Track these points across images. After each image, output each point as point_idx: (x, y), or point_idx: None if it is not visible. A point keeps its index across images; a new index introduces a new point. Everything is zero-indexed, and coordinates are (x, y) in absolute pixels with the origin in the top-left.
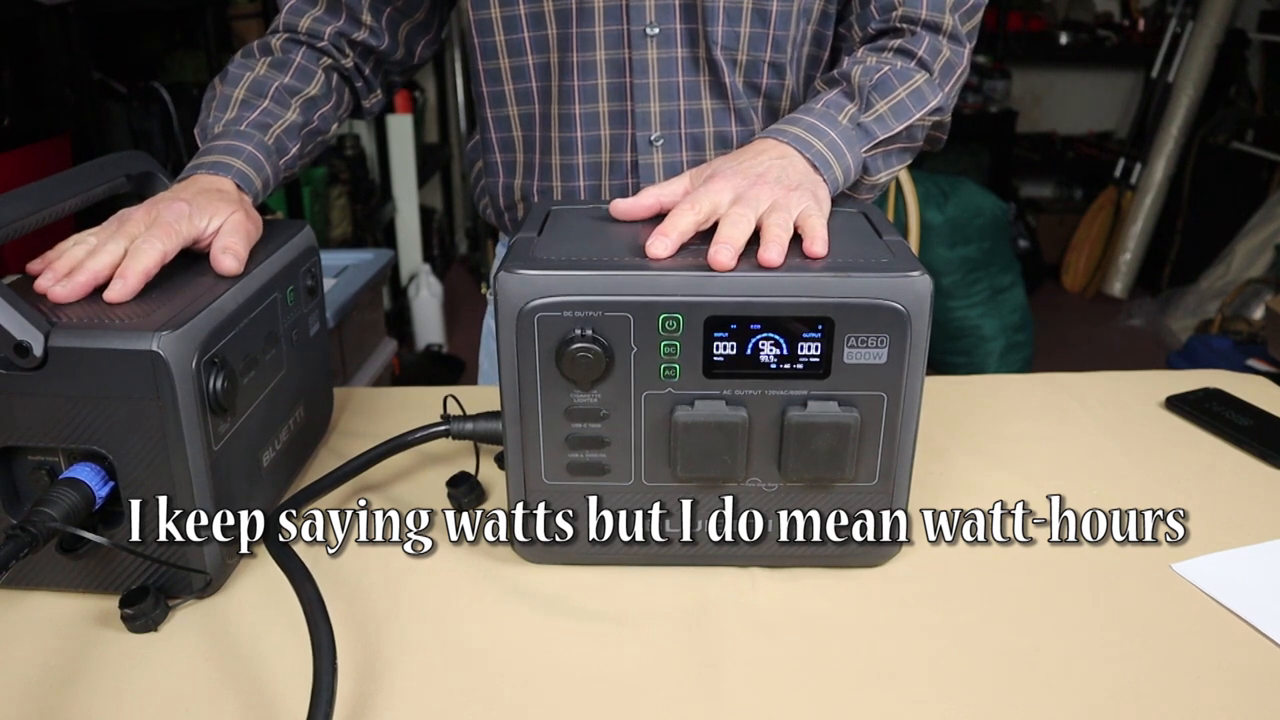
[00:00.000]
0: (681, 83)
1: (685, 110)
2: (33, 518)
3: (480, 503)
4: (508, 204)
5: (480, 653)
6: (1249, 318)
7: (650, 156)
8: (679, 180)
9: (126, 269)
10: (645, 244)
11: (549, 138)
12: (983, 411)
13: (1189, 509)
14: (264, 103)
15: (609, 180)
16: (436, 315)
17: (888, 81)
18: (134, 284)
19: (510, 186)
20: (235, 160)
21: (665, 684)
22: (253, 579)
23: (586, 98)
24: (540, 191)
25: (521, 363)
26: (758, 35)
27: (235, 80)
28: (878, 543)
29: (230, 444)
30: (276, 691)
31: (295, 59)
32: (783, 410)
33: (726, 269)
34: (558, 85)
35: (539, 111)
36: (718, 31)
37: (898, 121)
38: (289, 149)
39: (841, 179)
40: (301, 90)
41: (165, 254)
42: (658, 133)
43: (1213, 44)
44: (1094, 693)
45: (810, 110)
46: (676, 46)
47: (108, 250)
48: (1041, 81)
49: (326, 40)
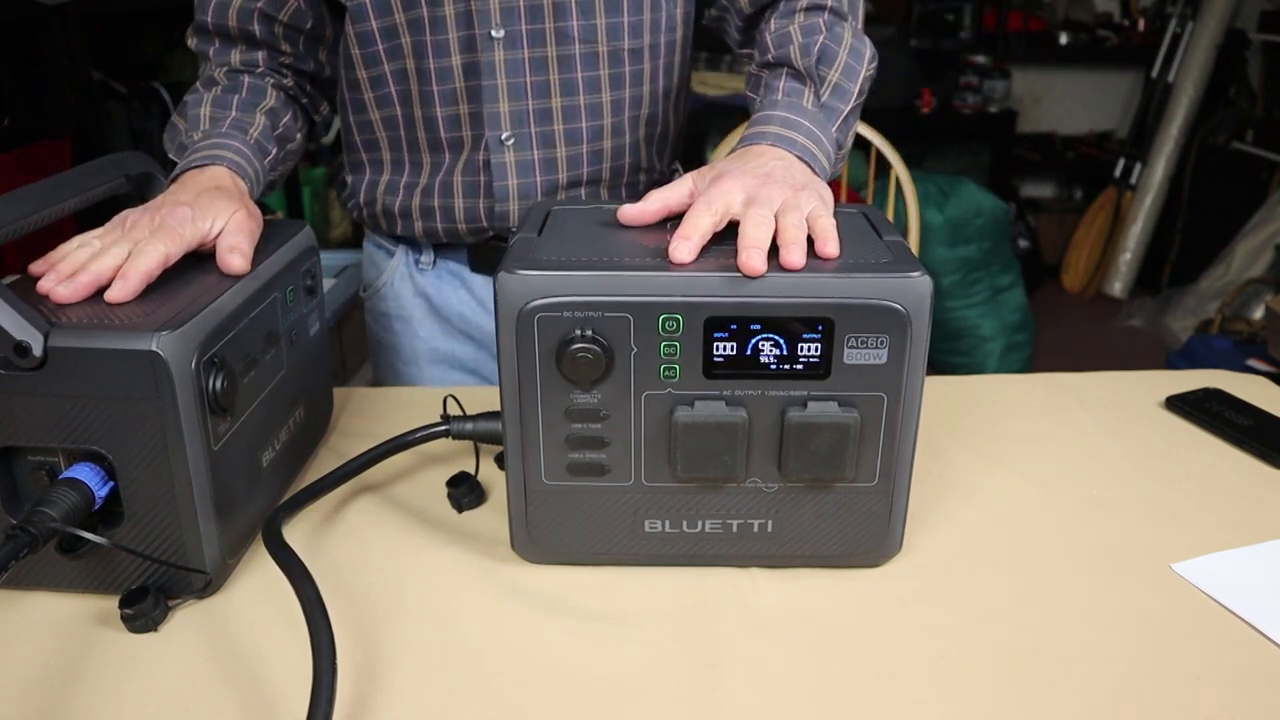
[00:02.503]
0: (530, 82)
1: (534, 109)
2: (33, 518)
3: (480, 503)
4: (368, 199)
5: (480, 653)
6: (1249, 318)
7: (502, 155)
8: (683, 183)
9: (129, 270)
10: (667, 247)
11: (414, 138)
12: (983, 411)
13: (1189, 509)
14: (232, 114)
15: (461, 177)
16: None
17: (827, 49)
18: (135, 285)
19: (375, 183)
20: (223, 151)
21: (665, 684)
22: (253, 579)
23: (445, 101)
24: (406, 187)
25: (521, 363)
26: (614, 25)
27: (196, 104)
28: (878, 543)
29: (230, 444)
30: (276, 691)
31: (243, 81)
32: (783, 411)
33: (760, 273)
34: (417, 90)
35: (400, 114)
36: (573, 26)
37: (851, 84)
38: (269, 150)
39: (828, 166)
40: (259, 103)
41: (168, 257)
42: (508, 132)
43: (1213, 44)
44: (1094, 693)
45: (774, 104)
46: (523, 47)
47: (111, 253)
48: (1041, 81)
49: (262, 66)
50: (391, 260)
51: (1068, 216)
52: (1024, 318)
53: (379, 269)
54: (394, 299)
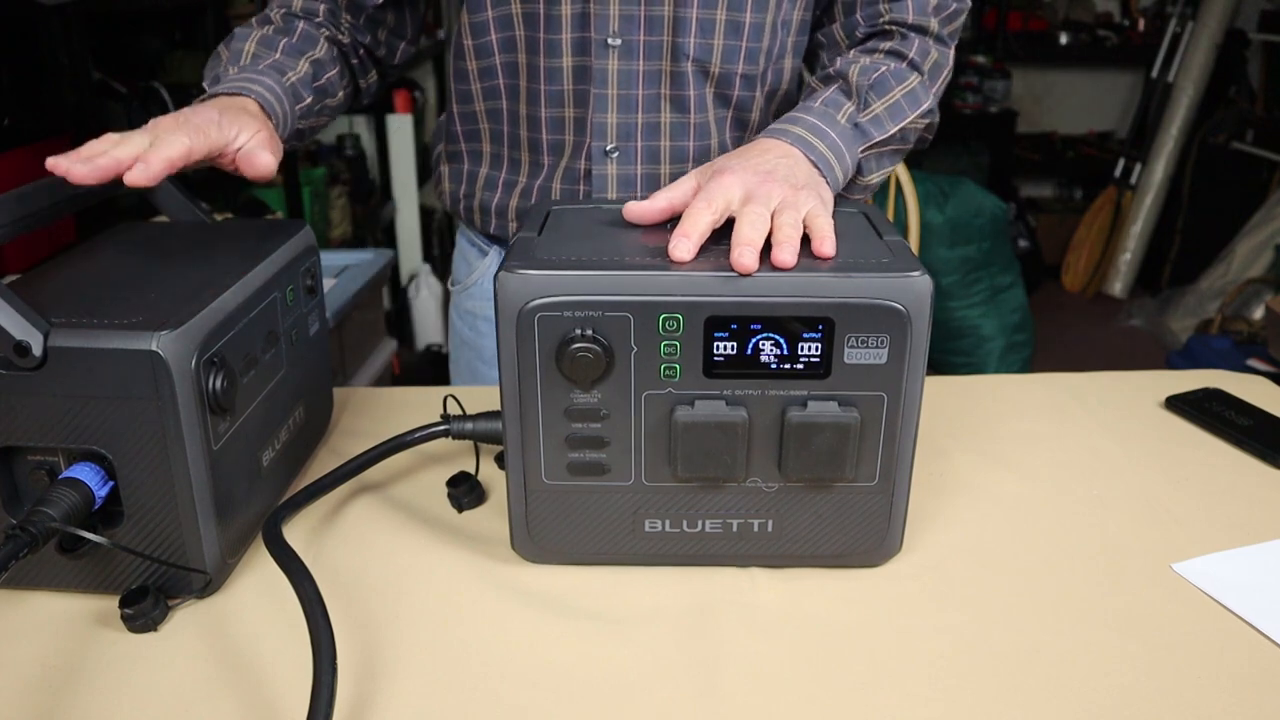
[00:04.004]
0: (641, 95)
1: (643, 123)
2: (33, 518)
3: (480, 503)
4: (467, 191)
5: (480, 653)
6: (1249, 318)
7: (604, 167)
8: (687, 180)
9: (150, 155)
10: (667, 246)
11: (516, 134)
12: (983, 411)
13: (1189, 509)
14: (275, 55)
15: (560, 184)
16: (436, 315)
17: (885, 81)
18: (157, 169)
19: (474, 174)
20: (255, 86)
21: (665, 684)
22: (253, 579)
23: (551, 102)
24: (504, 184)
25: (522, 363)
26: (731, 47)
27: (243, 38)
28: (878, 543)
29: (230, 444)
30: (276, 691)
31: (298, 27)
32: (783, 410)
33: (751, 272)
34: (525, 86)
35: (506, 108)
36: (690, 43)
37: (893, 123)
38: (304, 98)
39: (841, 179)
40: (308, 51)
41: (190, 150)
42: (613, 144)
43: (1213, 44)
44: (1094, 692)
45: (809, 109)
46: (639, 59)
47: (134, 140)
48: (1041, 81)
49: (321, 16)
50: (484, 260)
51: (1068, 216)
52: (1024, 318)
53: (470, 266)
54: (484, 298)
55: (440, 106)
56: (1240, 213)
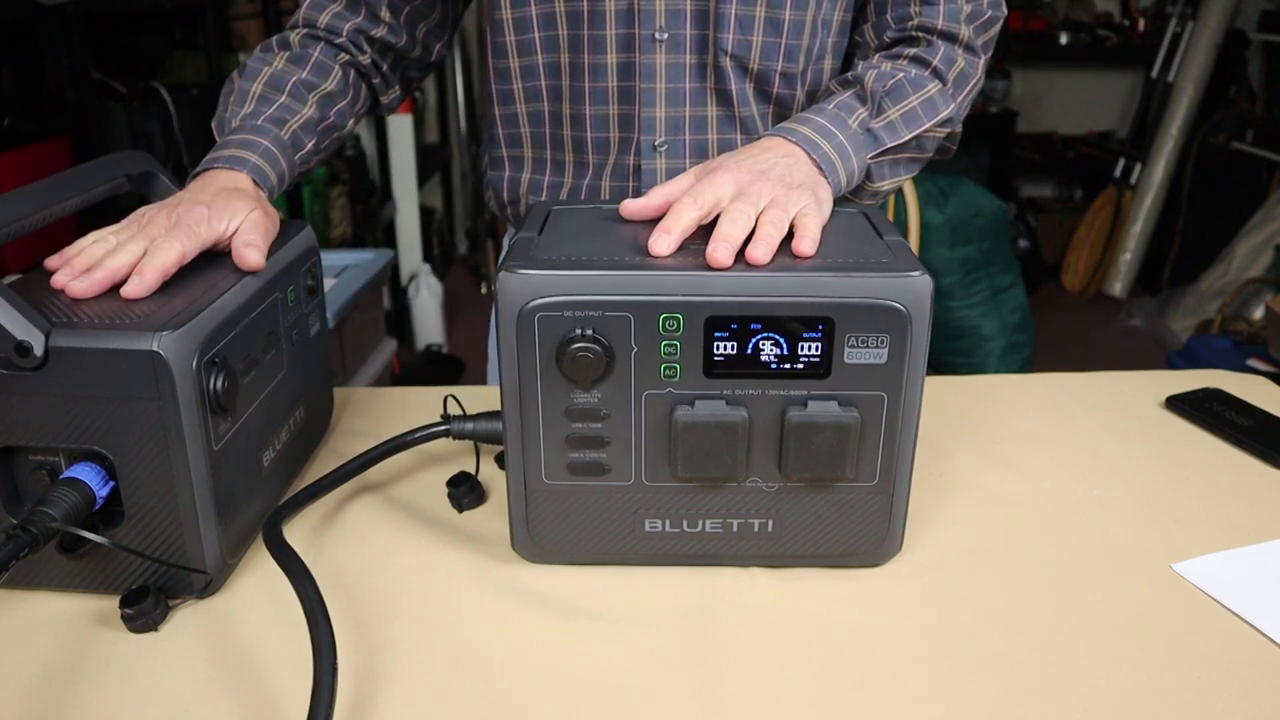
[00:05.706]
0: (688, 89)
1: (691, 117)
2: (33, 518)
3: (480, 503)
4: (511, 198)
5: (480, 653)
6: (1249, 318)
7: (653, 161)
8: (684, 177)
9: (145, 266)
10: (648, 242)
11: (559, 135)
12: (983, 411)
13: (1189, 509)
14: (281, 98)
15: (610, 181)
16: (436, 315)
17: (901, 88)
18: (151, 281)
19: (516, 180)
20: (251, 155)
21: (665, 684)
22: (253, 579)
23: (596, 99)
24: (550, 187)
25: (522, 362)
26: (770, 44)
27: (253, 75)
28: (878, 543)
29: (230, 444)
30: (276, 691)
31: (313, 54)
32: (783, 410)
33: (724, 266)
34: (568, 85)
35: (548, 110)
36: (729, 39)
37: (908, 130)
38: (305, 144)
39: (845, 183)
40: (319, 86)
41: (184, 254)
42: (662, 138)
43: (1213, 44)
44: (1094, 693)
45: (821, 111)
46: (685, 53)
47: (127, 249)
48: (1041, 81)
49: (345, 36)
50: None
51: (1068, 216)
52: (1024, 318)
53: None
54: None
55: (440, 106)
56: (1240, 213)
